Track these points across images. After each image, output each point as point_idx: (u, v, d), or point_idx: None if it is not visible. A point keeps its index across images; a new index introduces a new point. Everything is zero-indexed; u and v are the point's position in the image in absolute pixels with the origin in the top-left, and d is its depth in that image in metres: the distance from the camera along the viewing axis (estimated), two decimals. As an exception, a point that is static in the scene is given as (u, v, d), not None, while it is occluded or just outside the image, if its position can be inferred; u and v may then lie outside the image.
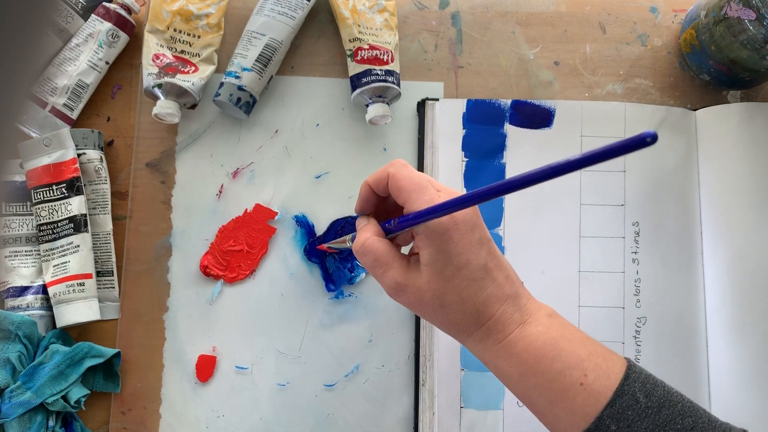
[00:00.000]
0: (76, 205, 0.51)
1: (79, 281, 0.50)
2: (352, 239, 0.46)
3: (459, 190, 0.55)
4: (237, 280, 0.54)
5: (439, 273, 0.39)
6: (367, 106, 0.54)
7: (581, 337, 0.39)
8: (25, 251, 0.52)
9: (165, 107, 0.52)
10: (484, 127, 0.56)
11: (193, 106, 0.56)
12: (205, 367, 0.53)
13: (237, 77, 0.53)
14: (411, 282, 0.39)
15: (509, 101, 0.56)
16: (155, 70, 0.53)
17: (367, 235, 0.41)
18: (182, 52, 0.54)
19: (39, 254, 0.52)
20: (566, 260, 0.54)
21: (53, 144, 0.52)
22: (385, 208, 0.45)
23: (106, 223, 0.54)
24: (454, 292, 0.39)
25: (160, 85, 0.52)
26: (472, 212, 0.39)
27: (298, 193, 0.56)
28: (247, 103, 0.54)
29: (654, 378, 0.38)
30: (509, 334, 0.39)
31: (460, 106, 0.56)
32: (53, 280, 0.51)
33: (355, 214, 0.55)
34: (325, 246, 0.52)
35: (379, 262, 0.40)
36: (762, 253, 0.52)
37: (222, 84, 0.54)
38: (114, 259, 0.54)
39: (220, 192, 0.55)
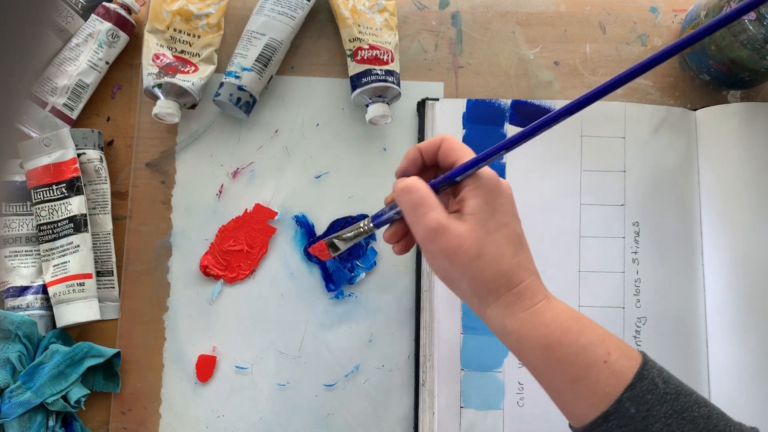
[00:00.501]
0: (76, 205, 0.51)
1: (79, 281, 0.50)
2: (370, 222, 0.45)
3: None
4: (237, 280, 0.54)
5: (482, 223, 0.39)
6: (367, 106, 0.54)
7: (598, 325, 0.40)
8: (25, 251, 0.52)
9: (165, 107, 0.52)
10: (484, 127, 0.56)
11: (193, 106, 0.56)
12: (205, 367, 0.53)
13: (237, 77, 0.53)
14: (453, 226, 0.39)
15: (509, 101, 0.56)
16: (155, 70, 0.53)
17: (413, 179, 0.41)
18: (182, 52, 0.54)
19: (39, 254, 0.52)
20: (566, 260, 0.54)
21: (53, 144, 0.52)
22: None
23: (106, 223, 0.54)
24: (493, 245, 0.39)
25: (160, 85, 0.52)
26: (513, 197, 0.42)
27: (298, 193, 0.56)
28: (247, 103, 0.54)
29: (668, 371, 0.39)
30: (537, 302, 0.39)
31: (460, 106, 0.56)
32: (53, 280, 0.51)
33: (354, 215, 0.55)
34: (326, 244, 0.46)
35: (425, 200, 0.40)
36: (762, 252, 0.52)
37: (222, 84, 0.54)
38: (114, 259, 0.54)
39: (220, 192, 0.55)
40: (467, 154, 0.41)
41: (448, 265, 0.40)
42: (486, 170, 0.41)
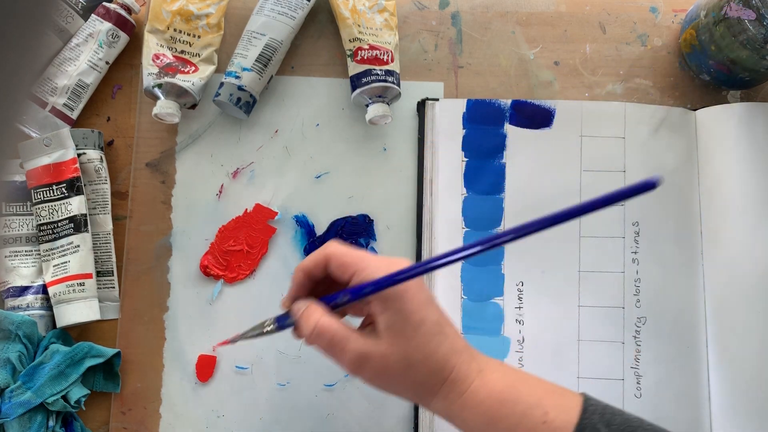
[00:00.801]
0: (76, 205, 0.51)
1: (79, 281, 0.51)
2: (274, 322, 0.43)
3: (459, 190, 0.55)
4: (237, 280, 0.54)
5: (399, 334, 0.39)
6: (367, 106, 0.54)
7: (536, 379, 0.41)
8: (25, 251, 0.52)
9: (165, 107, 0.52)
10: (484, 127, 0.56)
11: (193, 106, 0.56)
12: (205, 367, 0.53)
13: (237, 77, 0.53)
14: (373, 349, 0.39)
15: (509, 101, 0.56)
16: (155, 70, 0.53)
17: (317, 316, 0.40)
18: (182, 52, 0.54)
19: (39, 254, 0.52)
20: (566, 260, 0.54)
21: (53, 144, 0.52)
22: (315, 291, 0.44)
23: (106, 223, 0.54)
24: (417, 350, 0.39)
25: (160, 85, 0.52)
26: (420, 284, 0.40)
27: (298, 193, 0.56)
28: (247, 103, 0.54)
29: (612, 407, 0.39)
30: (471, 383, 0.39)
31: (460, 106, 0.56)
32: (53, 280, 0.51)
33: (354, 214, 0.55)
34: (229, 341, 0.46)
35: (336, 338, 0.40)
36: (762, 252, 0.52)
37: (222, 84, 0.54)
38: (114, 259, 0.54)
39: (220, 192, 0.55)
40: (361, 266, 0.40)
41: (383, 384, 0.40)
42: (392, 265, 0.39)
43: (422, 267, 0.38)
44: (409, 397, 0.41)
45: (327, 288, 0.43)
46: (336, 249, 0.41)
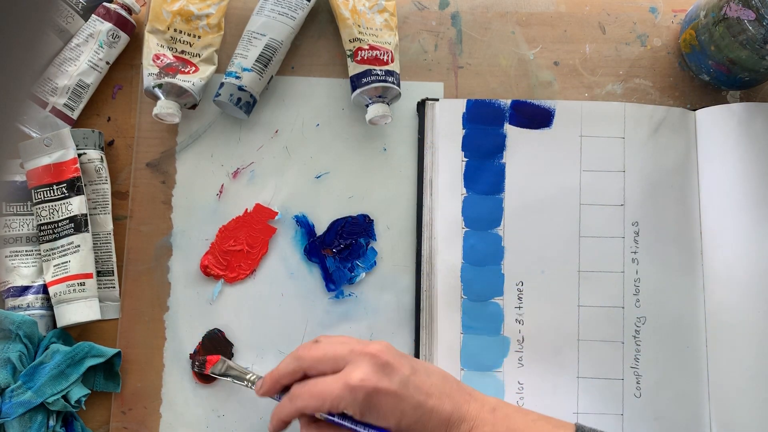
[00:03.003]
0: (76, 205, 0.51)
1: (79, 281, 0.51)
2: (258, 381, 0.48)
3: (459, 190, 0.55)
4: (237, 280, 0.54)
5: None
6: (367, 106, 0.54)
7: (527, 422, 0.41)
8: (26, 251, 0.52)
9: (165, 107, 0.53)
10: (484, 127, 0.56)
11: (194, 107, 0.56)
12: (206, 367, 0.53)
13: (237, 77, 0.53)
14: None
15: (509, 101, 0.56)
16: (155, 70, 0.53)
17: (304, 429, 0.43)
18: (182, 52, 0.54)
19: (39, 254, 0.52)
20: (566, 260, 0.54)
21: (54, 144, 0.52)
22: None
23: (107, 222, 0.54)
24: None
25: (160, 85, 0.52)
26: (383, 358, 0.41)
27: (299, 193, 0.56)
28: (247, 103, 0.54)
29: None
30: None
31: (459, 106, 0.56)
32: (54, 279, 0.51)
33: (354, 214, 0.55)
34: (213, 361, 0.51)
35: None
36: (762, 253, 0.52)
37: (222, 84, 0.54)
38: (114, 258, 0.54)
39: (221, 192, 0.55)
40: (332, 401, 0.41)
41: None
42: (355, 392, 0.41)
43: None
44: None
45: None
46: (303, 403, 0.42)
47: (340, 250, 0.54)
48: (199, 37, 0.55)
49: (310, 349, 0.44)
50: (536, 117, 0.56)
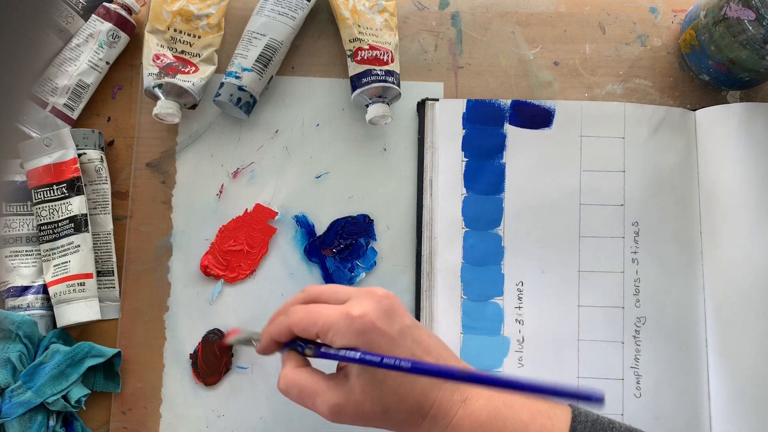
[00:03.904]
0: (76, 205, 0.51)
1: (79, 281, 0.51)
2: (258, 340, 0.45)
3: (459, 190, 0.55)
4: (237, 280, 0.54)
5: (371, 380, 0.38)
6: (367, 106, 0.54)
7: (523, 399, 0.40)
8: (26, 251, 0.52)
9: (165, 107, 0.53)
10: (484, 127, 0.56)
11: (194, 107, 0.56)
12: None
13: (237, 77, 0.53)
14: (346, 399, 0.39)
15: (509, 101, 0.56)
16: (155, 70, 0.53)
17: (284, 371, 0.41)
18: (182, 52, 0.54)
19: (39, 254, 0.52)
20: (566, 260, 0.54)
21: (54, 144, 0.52)
22: None
23: (107, 222, 0.54)
24: (391, 393, 0.38)
25: (160, 86, 0.52)
26: (387, 302, 0.39)
27: (298, 193, 0.56)
28: (247, 104, 0.54)
29: (602, 421, 0.39)
30: (453, 416, 0.39)
31: (459, 106, 0.56)
32: (54, 279, 0.51)
33: (354, 214, 0.55)
34: (226, 342, 0.50)
35: (306, 392, 0.40)
36: (762, 252, 0.52)
37: (222, 84, 0.54)
38: (114, 258, 0.54)
39: (221, 192, 0.55)
40: (326, 332, 0.39)
41: (364, 425, 0.40)
42: (352, 321, 0.38)
43: (377, 359, 0.37)
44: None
45: None
46: (296, 317, 0.40)
47: (340, 250, 0.54)
48: (199, 37, 0.55)
49: (312, 286, 0.43)
50: (536, 117, 0.56)
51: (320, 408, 0.39)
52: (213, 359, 0.52)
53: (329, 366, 0.41)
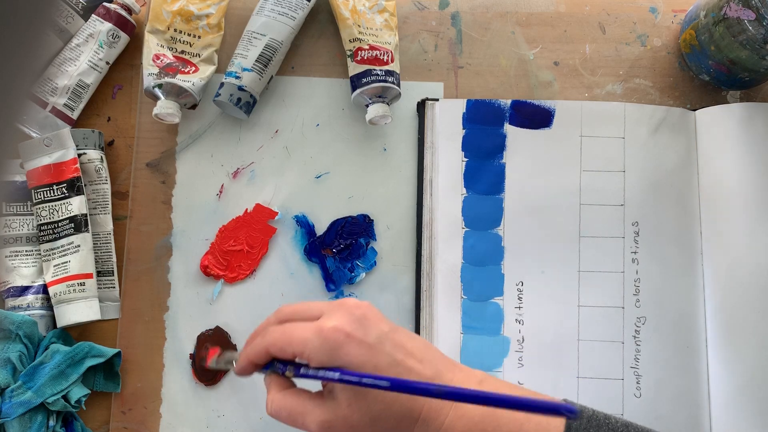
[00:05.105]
0: (76, 205, 0.51)
1: (79, 281, 0.51)
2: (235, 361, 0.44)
3: (459, 190, 0.55)
4: (237, 280, 0.54)
5: (355, 392, 0.38)
6: (367, 106, 0.54)
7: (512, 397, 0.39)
8: (26, 251, 0.52)
9: (165, 107, 0.53)
10: (484, 127, 0.56)
11: (194, 107, 0.56)
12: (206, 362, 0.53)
13: (237, 77, 0.53)
14: (334, 414, 0.38)
15: (509, 101, 0.56)
16: (155, 70, 0.53)
17: (271, 395, 0.41)
18: (182, 52, 0.54)
19: (39, 254, 0.52)
20: (566, 260, 0.54)
21: (54, 144, 0.52)
22: None
23: (107, 223, 0.54)
24: (376, 402, 0.38)
25: (160, 86, 0.52)
26: (360, 311, 0.39)
27: (299, 193, 0.56)
28: (247, 104, 0.54)
29: (598, 417, 0.39)
30: (445, 419, 0.38)
31: (459, 106, 0.56)
32: (54, 279, 0.51)
33: (354, 214, 0.55)
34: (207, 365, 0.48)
35: (295, 413, 0.39)
36: (762, 253, 0.52)
37: (222, 84, 0.54)
38: (114, 258, 0.54)
39: (221, 192, 0.55)
40: (301, 351, 0.38)
41: None
42: (326, 336, 0.38)
43: (357, 377, 0.36)
44: None
45: None
46: (272, 338, 0.40)
47: (340, 250, 0.54)
48: (199, 37, 0.55)
49: (286, 306, 0.43)
50: (536, 117, 0.56)
51: (311, 427, 0.39)
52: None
53: (315, 383, 0.41)
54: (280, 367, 0.41)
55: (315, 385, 0.41)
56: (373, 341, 0.38)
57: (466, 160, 0.55)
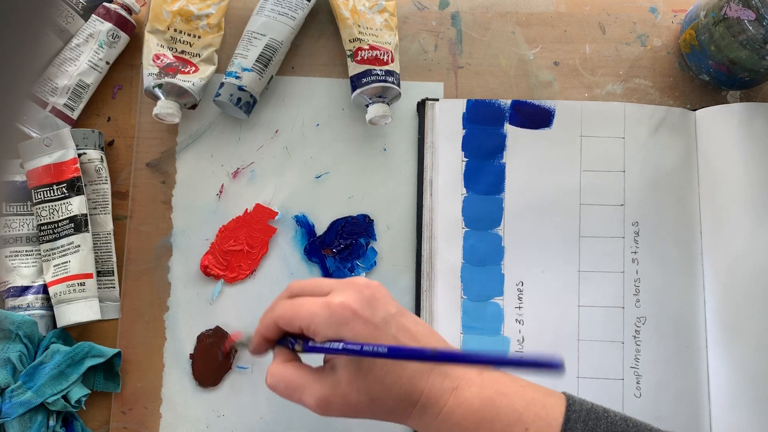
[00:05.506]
0: (76, 205, 0.51)
1: (79, 281, 0.51)
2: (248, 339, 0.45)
3: (459, 190, 0.55)
4: (237, 280, 0.54)
5: (356, 370, 0.38)
6: (367, 106, 0.54)
7: (516, 387, 0.39)
8: (26, 251, 0.52)
9: (165, 107, 0.53)
10: (484, 127, 0.56)
11: (194, 107, 0.56)
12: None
13: (237, 77, 0.53)
14: (333, 391, 0.38)
15: (509, 101, 0.56)
16: (156, 70, 0.53)
17: (272, 366, 0.41)
18: (182, 52, 0.54)
19: (39, 254, 0.52)
20: (566, 260, 0.54)
21: (54, 144, 0.52)
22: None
23: (107, 223, 0.54)
24: (377, 383, 0.38)
25: (160, 85, 0.52)
26: (369, 291, 0.39)
27: (298, 193, 0.56)
28: (247, 103, 0.54)
29: (597, 410, 0.38)
30: (444, 404, 0.38)
31: (459, 106, 0.56)
32: (54, 279, 0.51)
33: (354, 214, 0.55)
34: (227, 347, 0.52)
35: (293, 386, 0.39)
36: (762, 252, 0.52)
37: (222, 84, 0.54)
38: (114, 258, 0.54)
39: (221, 192, 0.55)
40: (308, 325, 0.38)
41: (353, 416, 0.39)
42: (333, 311, 0.38)
43: (359, 347, 0.36)
44: (388, 421, 0.40)
45: None
46: (280, 311, 0.40)
47: (340, 250, 0.54)
48: (199, 37, 0.55)
49: (296, 281, 0.43)
50: (536, 117, 0.56)
51: (308, 401, 0.39)
52: (210, 363, 0.52)
53: (319, 360, 0.41)
54: (290, 341, 0.41)
55: (318, 363, 0.41)
56: (378, 321, 0.38)
57: (466, 160, 0.55)
